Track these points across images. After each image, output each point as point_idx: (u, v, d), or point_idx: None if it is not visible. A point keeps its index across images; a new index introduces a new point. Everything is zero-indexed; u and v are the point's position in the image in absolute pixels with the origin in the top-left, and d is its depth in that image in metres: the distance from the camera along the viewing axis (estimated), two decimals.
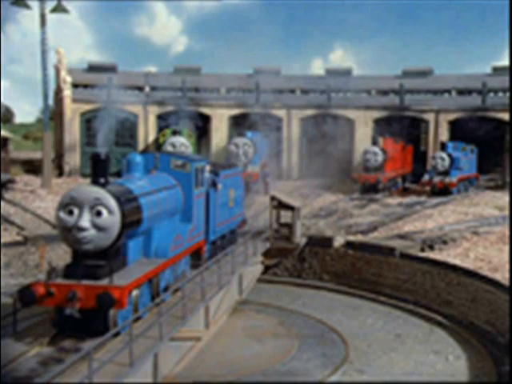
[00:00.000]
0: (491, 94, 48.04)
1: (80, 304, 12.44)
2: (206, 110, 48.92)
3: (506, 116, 44.87)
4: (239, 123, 47.26)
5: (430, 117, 47.78)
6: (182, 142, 41.30)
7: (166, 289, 15.26)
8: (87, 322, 12.68)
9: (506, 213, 29.80)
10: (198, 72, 53.30)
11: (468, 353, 17.05)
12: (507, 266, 20.12)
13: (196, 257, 17.93)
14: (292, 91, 51.55)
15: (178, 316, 14.03)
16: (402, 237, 24.77)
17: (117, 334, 12.49)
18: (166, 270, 15.26)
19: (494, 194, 38.90)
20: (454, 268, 20.39)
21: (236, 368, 15.28)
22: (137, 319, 12.90)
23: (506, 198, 34.38)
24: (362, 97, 50.15)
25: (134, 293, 13.49)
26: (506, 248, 22.64)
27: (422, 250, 23.33)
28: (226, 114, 49.09)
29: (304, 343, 17.24)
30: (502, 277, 19.19)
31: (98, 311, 12.51)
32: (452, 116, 47.41)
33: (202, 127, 46.79)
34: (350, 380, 15.16)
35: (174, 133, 42.24)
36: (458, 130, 46.15)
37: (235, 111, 49.06)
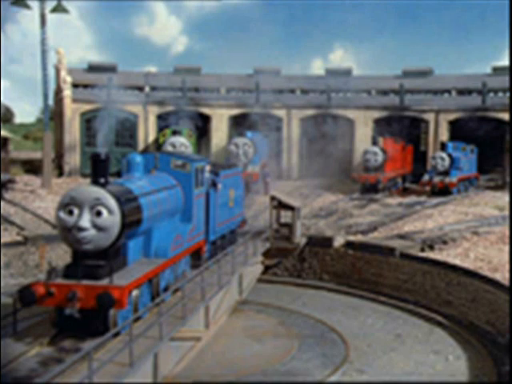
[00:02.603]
0: (491, 94, 48.06)
1: (80, 304, 12.44)
2: (206, 110, 48.94)
3: (505, 116, 44.89)
4: (239, 123, 47.27)
5: (430, 117, 47.79)
6: (182, 142, 41.31)
7: (166, 289, 15.26)
8: (87, 322, 12.68)
9: (506, 213, 29.79)
10: (198, 72, 53.31)
11: (468, 353, 17.05)
12: (507, 266, 20.11)
13: (196, 257, 17.94)
14: (292, 91, 51.56)
15: (178, 316, 14.03)
16: (401, 237, 24.75)
17: (117, 334, 12.49)
18: (166, 269, 15.25)
19: (494, 193, 38.90)
20: (454, 268, 20.38)
21: (236, 368, 15.27)
22: (137, 319, 12.90)
23: (506, 198, 34.38)
24: (362, 97, 50.16)
25: (134, 293, 13.49)
26: (506, 248, 22.64)
27: (422, 249, 23.33)
28: (225, 114, 49.10)
29: (304, 343, 17.23)
30: (502, 277, 19.18)
31: (97, 311, 12.51)
32: (452, 116, 47.43)
33: (202, 127, 46.81)
34: (350, 380, 15.16)
35: (174, 133, 42.25)
36: (458, 130, 46.18)
37: (235, 111, 49.08)
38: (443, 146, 41.27)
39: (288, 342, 17.36)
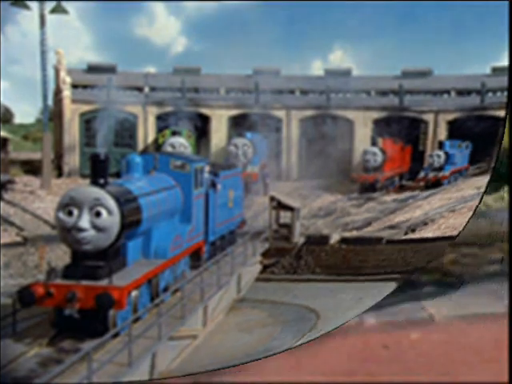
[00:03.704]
0: (490, 94, 48.11)
1: (79, 304, 12.47)
2: (205, 111, 48.88)
3: (502, 113, 44.92)
4: (239, 124, 47.21)
5: (430, 117, 47.78)
6: (182, 143, 41.32)
7: (165, 289, 15.29)
8: (86, 322, 12.69)
9: (482, 190, 30.23)
10: (198, 72, 53.21)
11: None
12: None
13: (195, 257, 17.96)
14: (291, 92, 51.52)
15: (177, 316, 14.05)
16: (392, 227, 25.54)
17: (116, 335, 12.51)
18: (165, 270, 15.28)
19: (477, 178, 39.57)
20: (422, 240, 21.83)
21: (221, 356, 15.33)
22: (136, 320, 12.93)
23: (485, 180, 34.86)
24: (361, 97, 50.12)
25: (134, 293, 13.51)
26: (470, 213, 23.24)
27: (406, 234, 24.22)
28: (225, 114, 49.02)
29: (286, 326, 17.60)
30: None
31: (97, 312, 12.53)
32: (451, 116, 47.45)
33: (201, 128, 46.78)
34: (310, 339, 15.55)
35: (174, 133, 42.26)
36: (456, 129, 46.32)
37: (234, 112, 49.05)
38: (441, 145, 42.16)
39: (273, 328, 17.59)
